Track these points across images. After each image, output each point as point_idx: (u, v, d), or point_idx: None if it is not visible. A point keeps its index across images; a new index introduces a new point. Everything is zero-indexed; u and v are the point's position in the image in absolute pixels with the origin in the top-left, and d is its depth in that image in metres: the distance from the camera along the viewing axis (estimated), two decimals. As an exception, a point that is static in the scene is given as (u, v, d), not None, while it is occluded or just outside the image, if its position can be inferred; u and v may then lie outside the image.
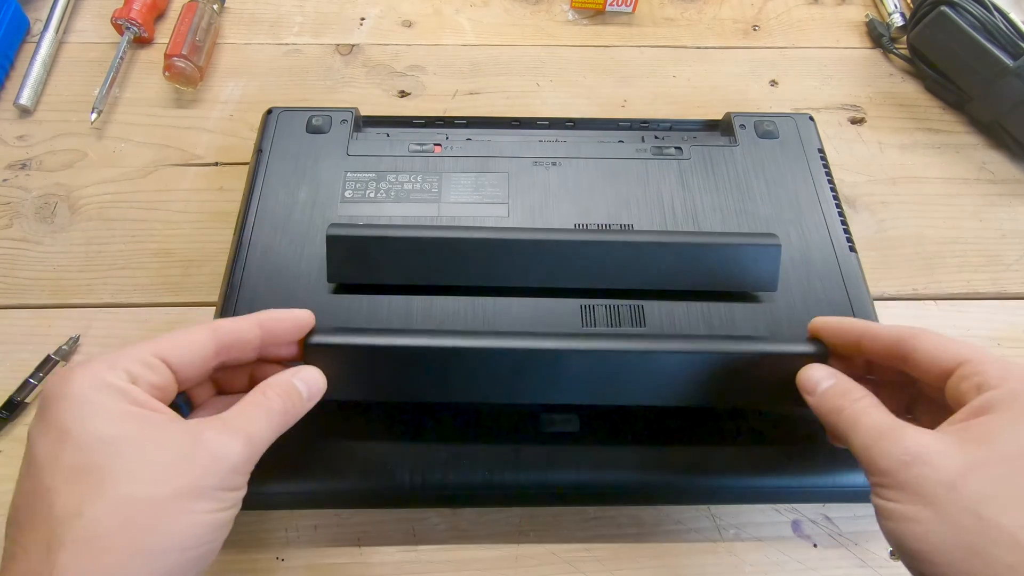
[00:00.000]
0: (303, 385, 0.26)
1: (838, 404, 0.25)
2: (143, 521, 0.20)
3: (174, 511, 0.20)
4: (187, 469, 0.21)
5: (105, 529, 0.19)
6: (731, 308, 0.36)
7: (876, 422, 0.23)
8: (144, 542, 0.20)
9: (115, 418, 0.21)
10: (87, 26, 0.52)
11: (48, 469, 0.20)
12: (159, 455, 0.21)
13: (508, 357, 0.30)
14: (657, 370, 0.31)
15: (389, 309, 0.35)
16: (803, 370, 0.28)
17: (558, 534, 0.34)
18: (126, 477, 0.20)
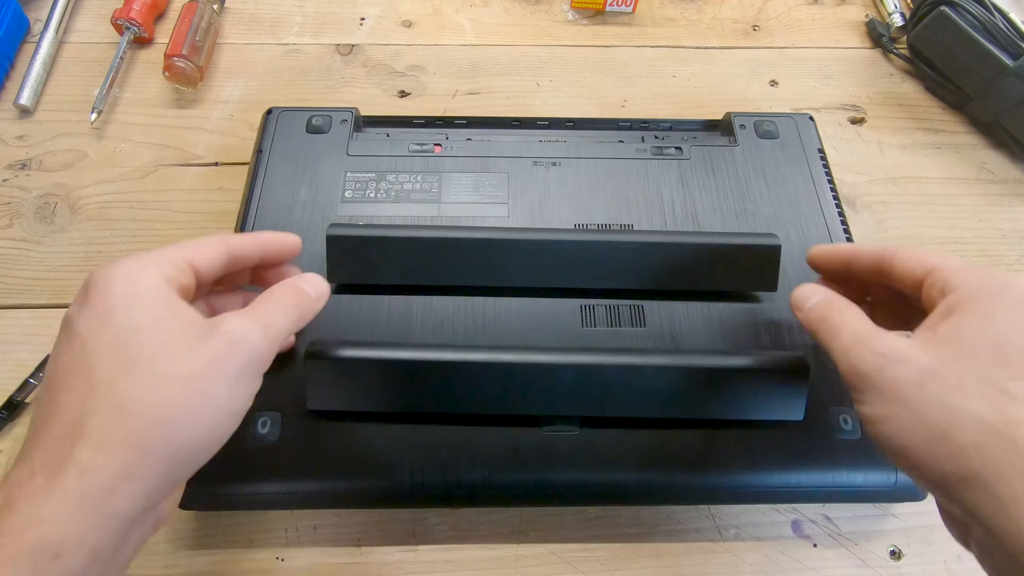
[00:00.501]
0: (309, 286, 0.28)
1: (823, 314, 0.26)
2: (169, 395, 0.21)
3: (197, 391, 0.22)
4: (212, 355, 0.23)
5: (135, 398, 0.21)
6: (731, 308, 0.36)
7: (855, 329, 0.24)
8: (167, 414, 0.21)
9: (153, 308, 0.23)
10: (87, 26, 0.52)
11: (91, 343, 0.22)
12: (187, 342, 0.23)
13: (503, 372, 0.31)
14: (653, 384, 0.31)
15: (389, 310, 0.35)
16: (796, 289, 0.29)
17: (558, 534, 0.34)
18: (158, 357, 0.22)
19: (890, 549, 0.34)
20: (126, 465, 0.20)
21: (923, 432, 0.21)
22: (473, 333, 0.35)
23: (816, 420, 0.33)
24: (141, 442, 0.21)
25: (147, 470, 0.21)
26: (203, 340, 0.23)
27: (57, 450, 0.20)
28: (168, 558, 0.33)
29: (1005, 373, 0.21)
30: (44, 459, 0.20)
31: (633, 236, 0.36)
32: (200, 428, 0.22)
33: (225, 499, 0.31)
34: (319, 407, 0.31)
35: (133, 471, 0.20)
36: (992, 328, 0.22)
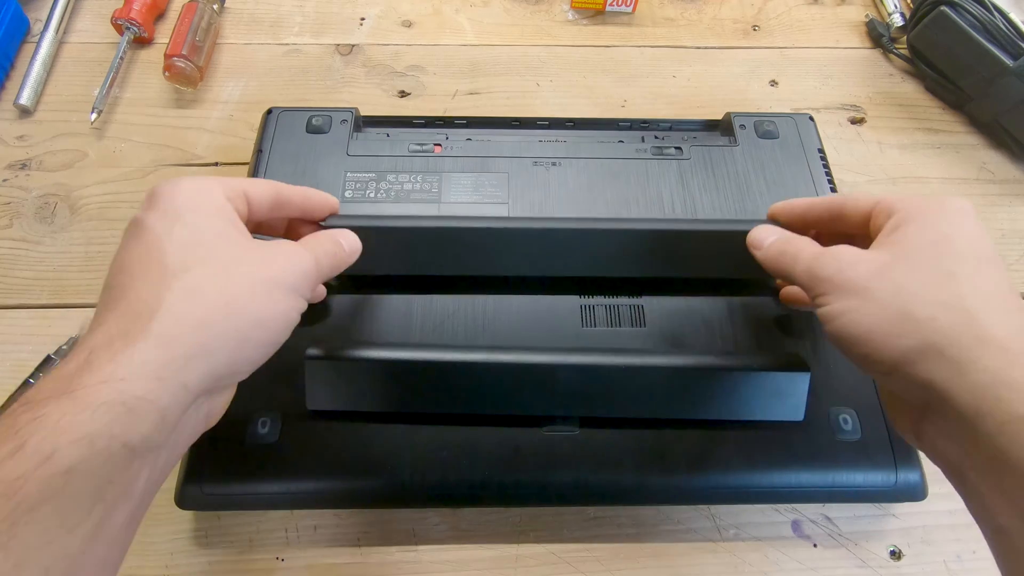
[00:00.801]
0: (344, 240, 0.30)
1: (782, 249, 0.29)
2: (239, 289, 0.24)
3: (260, 291, 0.24)
4: (272, 265, 0.25)
5: (206, 287, 0.23)
6: (731, 308, 0.36)
7: (815, 249, 0.27)
8: (233, 307, 0.23)
9: (219, 218, 0.25)
10: (87, 26, 0.52)
11: (164, 238, 0.24)
12: (251, 250, 0.25)
13: (503, 373, 0.31)
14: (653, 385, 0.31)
15: (389, 310, 0.35)
16: (752, 231, 0.31)
17: (558, 534, 0.34)
18: (228, 257, 0.24)
19: (890, 549, 0.34)
20: (198, 342, 0.22)
21: (883, 315, 0.23)
22: (473, 333, 0.35)
23: (816, 420, 0.33)
24: (212, 324, 0.23)
25: (216, 350, 0.23)
26: (267, 251, 0.26)
27: (135, 322, 0.22)
28: (168, 558, 0.33)
29: (950, 260, 0.24)
30: (122, 329, 0.22)
31: (633, 224, 0.36)
32: (262, 323, 0.24)
33: (225, 499, 0.31)
34: (319, 407, 0.32)
35: (204, 348, 0.22)
36: (934, 229, 0.25)
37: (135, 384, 0.21)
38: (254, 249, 0.26)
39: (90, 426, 0.19)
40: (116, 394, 0.20)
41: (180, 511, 0.32)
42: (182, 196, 0.25)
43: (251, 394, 0.32)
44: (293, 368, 0.33)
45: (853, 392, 0.34)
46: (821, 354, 0.34)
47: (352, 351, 0.32)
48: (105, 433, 0.19)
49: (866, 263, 0.25)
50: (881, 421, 0.33)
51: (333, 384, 0.31)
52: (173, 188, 0.25)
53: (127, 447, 0.20)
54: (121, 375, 0.20)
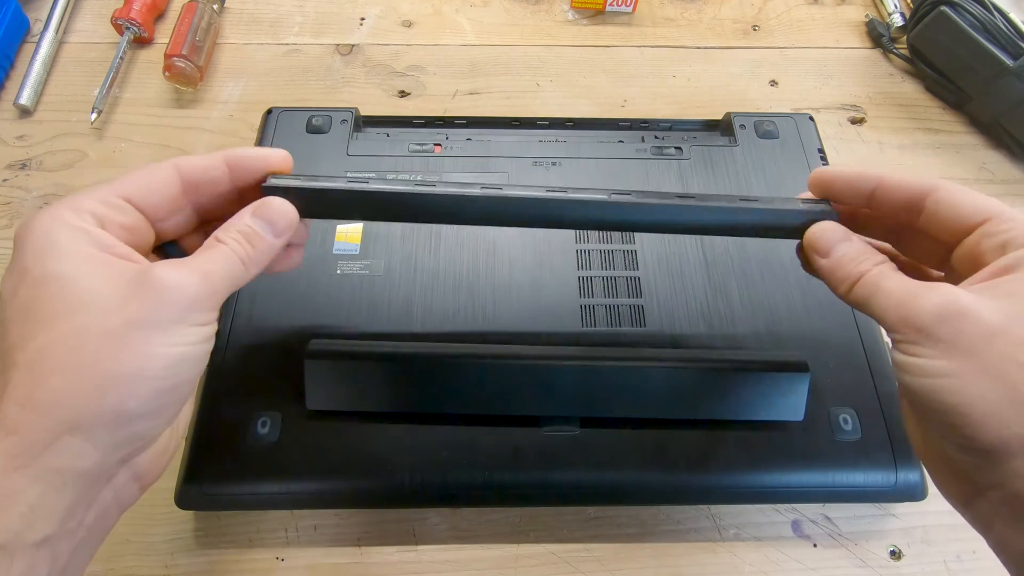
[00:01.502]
0: (262, 225, 0.25)
1: (857, 270, 0.24)
2: (92, 348, 0.20)
3: (126, 341, 0.20)
4: (138, 302, 0.21)
5: (53, 354, 0.20)
6: (732, 306, 0.36)
7: (902, 282, 0.22)
8: (94, 368, 0.20)
9: (73, 258, 0.21)
10: (87, 26, 0.52)
11: (7, 304, 0.21)
12: (111, 291, 0.21)
13: (503, 373, 0.31)
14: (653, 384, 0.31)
15: (389, 310, 0.35)
16: (815, 228, 0.26)
17: (558, 534, 0.34)
18: (77, 310, 0.20)
19: (890, 549, 0.34)
20: (59, 419, 0.19)
21: (994, 392, 0.19)
22: (473, 333, 0.35)
23: (816, 420, 0.33)
24: (71, 398, 0.20)
25: (87, 424, 0.20)
26: (131, 290, 0.21)
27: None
28: (168, 558, 0.33)
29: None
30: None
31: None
32: (139, 375, 0.20)
33: (225, 499, 0.31)
34: (319, 407, 0.32)
35: (69, 426, 0.19)
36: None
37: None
38: (118, 288, 0.21)
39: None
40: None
41: (180, 511, 0.32)
42: (31, 242, 0.21)
43: (251, 394, 0.32)
44: (293, 368, 0.33)
45: (853, 392, 0.34)
46: (821, 354, 0.34)
47: (352, 351, 0.32)
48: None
49: (977, 319, 0.20)
50: (881, 421, 0.33)
51: (333, 384, 0.31)
52: (24, 233, 0.22)
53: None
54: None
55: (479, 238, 0.38)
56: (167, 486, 0.31)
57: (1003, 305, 0.20)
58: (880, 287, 0.23)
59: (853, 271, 0.24)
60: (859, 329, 0.36)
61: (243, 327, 0.34)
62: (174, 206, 0.25)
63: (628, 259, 0.38)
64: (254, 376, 0.33)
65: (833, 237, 0.25)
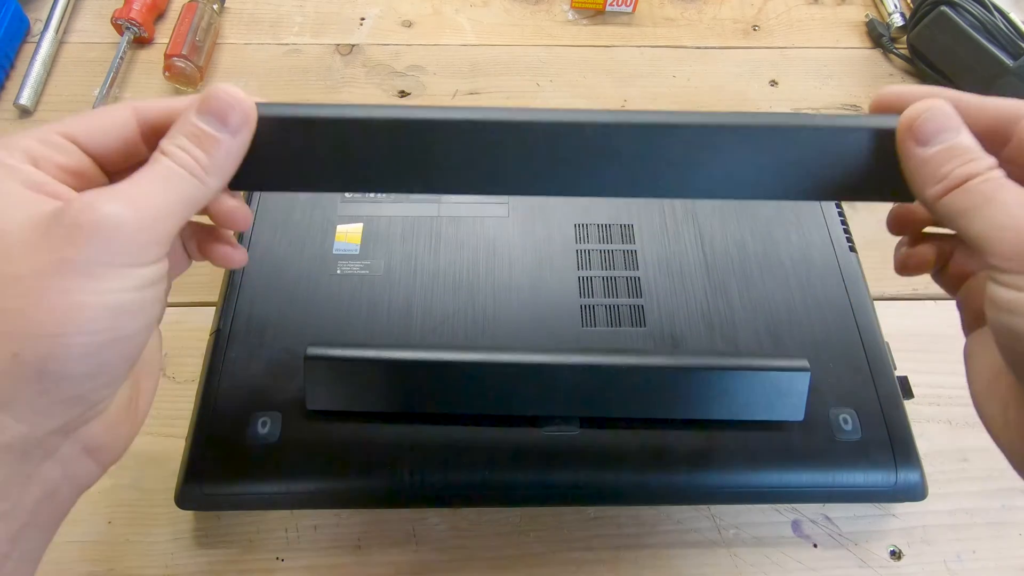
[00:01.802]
0: (210, 120, 0.20)
1: (965, 169, 0.19)
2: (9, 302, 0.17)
3: (40, 291, 0.17)
4: (55, 243, 0.17)
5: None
6: (732, 306, 0.36)
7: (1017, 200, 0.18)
8: (5, 325, 0.17)
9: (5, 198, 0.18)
10: (87, 26, 0.52)
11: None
12: (27, 233, 0.18)
13: (503, 373, 0.31)
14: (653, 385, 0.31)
15: (389, 310, 0.35)
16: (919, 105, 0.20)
17: (558, 534, 0.34)
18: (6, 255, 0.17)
19: (890, 549, 0.34)
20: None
21: None
22: (473, 333, 0.35)
23: (816, 420, 0.33)
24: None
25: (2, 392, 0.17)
26: (47, 229, 0.18)
27: None
28: (168, 558, 0.33)
29: None
30: None
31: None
32: (60, 336, 0.17)
33: (225, 499, 0.31)
34: (319, 407, 0.32)
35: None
36: None
37: None
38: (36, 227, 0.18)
39: None
40: None
41: (180, 511, 0.32)
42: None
43: (251, 394, 0.32)
44: (293, 368, 0.33)
45: (853, 392, 0.34)
46: (821, 354, 0.34)
47: (352, 351, 0.31)
48: None
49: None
50: (881, 421, 0.33)
51: (333, 384, 0.31)
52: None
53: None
54: None
55: (479, 238, 0.38)
56: (167, 486, 0.31)
57: None
58: (995, 198, 0.18)
59: (959, 170, 0.19)
60: (859, 329, 0.36)
61: (243, 327, 0.34)
62: (130, 151, 0.21)
63: (628, 259, 0.38)
64: (254, 376, 0.33)
65: (943, 121, 0.20)
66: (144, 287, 0.19)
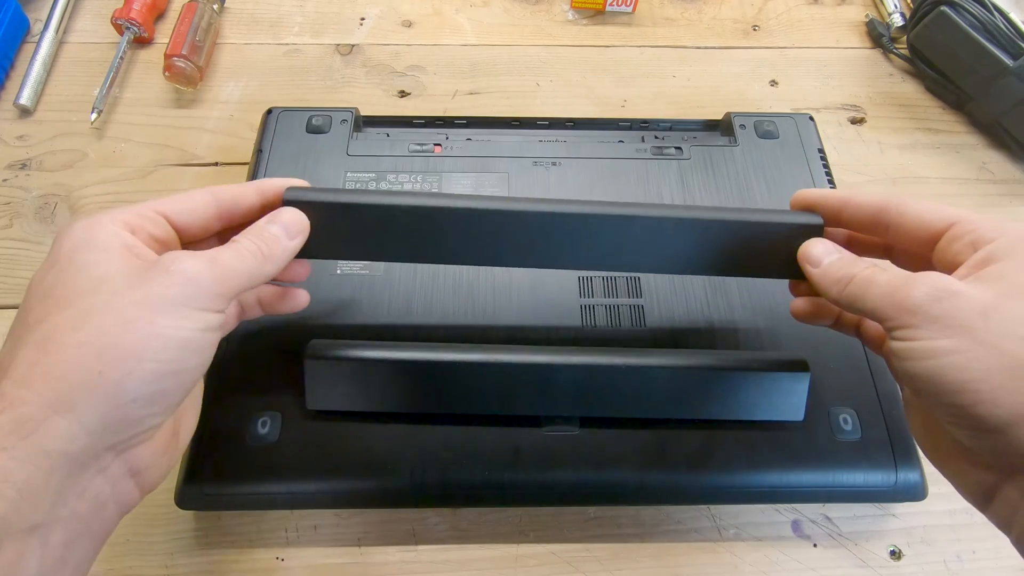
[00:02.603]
0: (278, 229, 0.27)
1: (847, 272, 0.25)
2: (95, 325, 0.20)
3: (129, 319, 0.21)
4: (147, 283, 0.21)
5: (58, 332, 0.20)
6: (732, 307, 0.36)
7: (894, 275, 0.23)
8: (94, 344, 0.20)
9: (96, 249, 0.22)
10: (87, 26, 0.52)
11: (33, 292, 0.22)
12: (124, 276, 0.22)
13: (503, 373, 0.31)
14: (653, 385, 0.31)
15: (390, 310, 0.35)
16: (806, 245, 0.28)
17: (558, 534, 0.34)
18: (89, 292, 0.21)
19: (890, 549, 0.34)
20: (52, 397, 0.19)
21: (996, 363, 0.19)
22: (473, 333, 0.35)
23: (816, 420, 0.33)
24: (68, 374, 0.19)
25: (78, 402, 0.19)
26: (141, 274, 0.22)
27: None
28: (168, 558, 0.33)
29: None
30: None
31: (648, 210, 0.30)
32: (139, 359, 0.20)
33: (225, 499, 0.31)
34: (319, 407, 0.32)
35: (61, 403, 0.19)
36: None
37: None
38: (131, 273, 0.22)
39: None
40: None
41: (180, 511, 0.32)
42: (71, 239, 0.23)
43: (251, 394, 0.32)
44: (293, 368, 0.33)
45: (853, 392, 0.34)
46: (821, 354, 0.34)
47: (352, 351, 0.31)
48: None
49: (968, 297, 0.21)
50: (881, 421, 0.33)
51: (333, 384, 0.31)
52: (62, 236, 0.23)
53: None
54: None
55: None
56: (167, 486, 0.31)
57: (991, 286, 0.21)
58: (873, 281, 0.24)
59: (845, 273, 0.25)
60: (859, 329, 0.36)
61: (243, 327, 0.34)
62: (208, 227, 0.27)
63: (628, 259, 0.38)
64: (254, 376, 0.33)
65: (822, 247, 0.27)
66: (208, 330, 0.23)
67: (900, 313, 0.22)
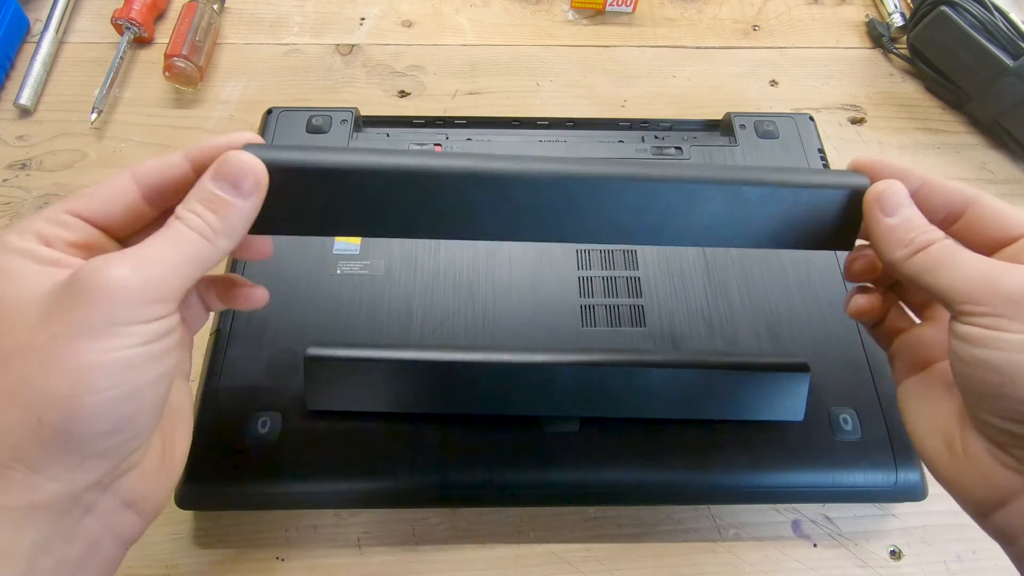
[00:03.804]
0: (225, 185, 0.21)
1: (926, 236, 0.23)
2: (16, 371, 0.18)
3: (52, 356, 0.18)
4: (62, 310, 0.18)
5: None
6: (732, 307, 0.36)
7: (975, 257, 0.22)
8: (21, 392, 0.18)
9: (10, 279, 0.19)
10: (87, 26, 0.52)
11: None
12: (38, 304, 0.19)
13: (503, 373, 0.31)
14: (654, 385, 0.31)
15: (389, 309, 0.35)
16: (882, 183, 0.24)
17: (558, 534, 0.34)
18: (6, 331, 0.19)
19: (890, 549, 0.34)
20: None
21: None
22: (473, 333, 0.35)
23: (816, 420, 0.33)
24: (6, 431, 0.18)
25: (32, 455, 0.18)
26: (59, 297, 0.19)
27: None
28: (168, 558, 0.33)
29: None
30: None
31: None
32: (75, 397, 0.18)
33: (225, 499, 0.31)
34: (319, 407, 0.32)
35: (11, 458, 0.18)
36: None
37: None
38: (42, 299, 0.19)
39: None
40: None
41: (180, 511, 0.32)
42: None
43: (251, 394, 0.32)
44: (293, 368, 0.33)
45: (853, 392, 0.34)
46: (821, 354, 0.34)
47: (352, 351, 0.32)
48: None
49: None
50: (881, 421, 0.33)
51: (333, 384, 0.31)
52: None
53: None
54: None
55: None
56: (167, 486, 0.31)
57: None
58: (957, 256, 0.22)
59: (920, 237, 0.23)
60: (859, 329, 0.36)
61: (243, 327, 0.34)
62: (137, 215, 0.22)
63: (628, 259, 0.38)
64: (254, 376, 0.33)
65: (903, 196, 0.24)
66: (153, 341, 0.19)
67: (991, 297, 0.20)
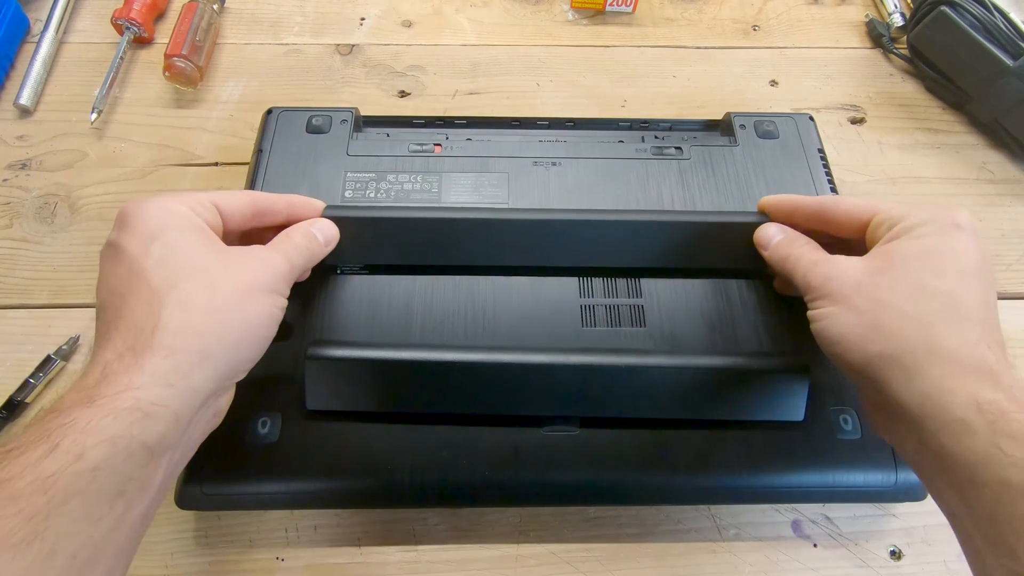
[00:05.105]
0: (318, 232, 0.32)
1: (786, 251, 0.31)
2: (222, 298, 0.26)
3: (243, 296, 0.26)
4: (248, 270, 0.27)
5: (196, 298, 0.25)
6: (731, 307, 0.36)
7: (813, 256, 0.30)
8: (224, 313, 0.26)
9: (189, 232, 0.27)
10: (87, 26, 0.52)
11: (141, 256, 0.26)
12: (227, 259, 0.27)
13: (503, 373, 0.31)
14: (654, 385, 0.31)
15: (389, 309, 0.35)
16: (759, 229, 0.34)
17: (558, 534, 0.34)
18: (207, 268, 0.26)
19: (890, 549, 0.34)
20: (199, 349, 0.24)
21: (857, 322, 0.26)
22: (473, 333, 0.35)
23: (816, 420, 0.33)
24: (209, 331, 0.25)
25: (215, 354, 0.25)
26: (242, 258, 0.28)
27: (139, 337, 0.24)
28: (168, 558, 0.33)
29: (930, 274, 0.26)
30: (128, 345, 0.24)
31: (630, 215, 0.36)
32: (250, 324, 0.26)
33: (225, 499, 0.31)
34: (319, 407, 0.32)
35: (205, 354, 0.25)
36: (922, 243, 0.27)
37: (149, 392, 0.23)
38: (230, 257, 0.27)
39: (113, 429, 0.22)
40: (133, 401, 0.22)
41: (180, 511, 0.32)
42: (151, 215, 0.27)
43: (251, 394, 0.32)
44: (293, 368, 0.33)
45: (853, 392, 0.34)
46: (821, 354, 0.34)
47: (352, 351, 0.32)
48: (126, 435, 0.22)
49: (851, 274, 0.27)
50: (881, 421, 0.33)
51: (333, 384, 0.31)
52: (141, 209, 0.27)
53: (145, 447, 0.22)
54: (136, 384, 0.23)
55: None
56: (167, 486, 0.31)
57: (871, 264, 0.27)
58: (799, 261, 0.30)
59: (784, 253, 0.31)
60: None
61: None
62: (244, 224, 0.31)
63: (628, 259, 0.38)
64: (254, 376, 0.33)
65: (771, 231, 0.33)
66: (282, 309, 0.29)
67: (807, 291, 0.29)
